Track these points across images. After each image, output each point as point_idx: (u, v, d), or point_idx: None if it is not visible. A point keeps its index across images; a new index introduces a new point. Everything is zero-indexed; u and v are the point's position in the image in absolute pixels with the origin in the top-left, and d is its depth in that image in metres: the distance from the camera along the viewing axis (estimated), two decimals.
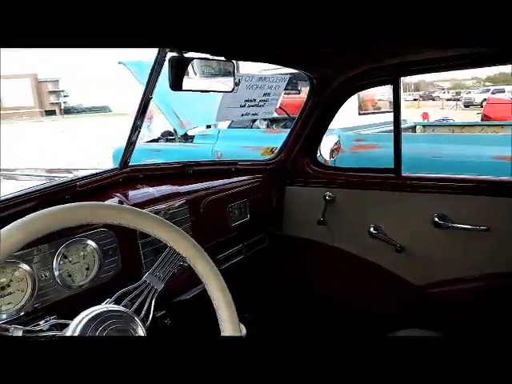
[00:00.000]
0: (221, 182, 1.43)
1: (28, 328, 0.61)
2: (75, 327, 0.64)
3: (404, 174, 1.47)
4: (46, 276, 0.88)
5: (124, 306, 0.73)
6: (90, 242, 0.97)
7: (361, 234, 1.56)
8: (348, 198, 1.57)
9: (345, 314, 1.68)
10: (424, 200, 1.42)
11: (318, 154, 1.69)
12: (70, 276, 0.92)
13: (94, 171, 1.17)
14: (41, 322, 0.71)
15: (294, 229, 1.71)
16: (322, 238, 1.65)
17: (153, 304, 0.76)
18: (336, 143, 1.72)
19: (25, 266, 0.84)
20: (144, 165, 1.31)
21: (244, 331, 1.03)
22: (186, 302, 1.23)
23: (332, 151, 1.69)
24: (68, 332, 0.65)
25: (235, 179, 1.49)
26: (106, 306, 0.71)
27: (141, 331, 0.70)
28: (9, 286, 0.82)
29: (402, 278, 1.52)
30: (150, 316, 0.75)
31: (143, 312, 0.75)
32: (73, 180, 1.06)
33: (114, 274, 1.00)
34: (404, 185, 1.45)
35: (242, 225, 1.46)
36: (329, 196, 1.58)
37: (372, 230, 1.53)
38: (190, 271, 0.98)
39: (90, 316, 0.66)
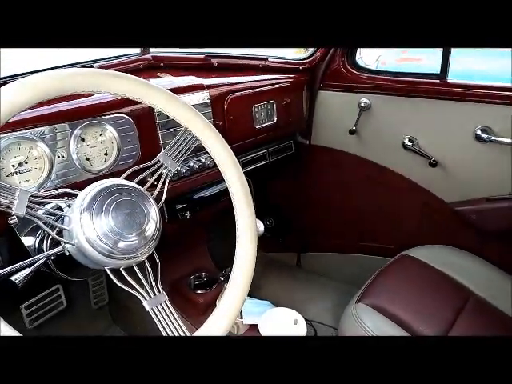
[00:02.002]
0: (248, 78, 1.33)
1: (36, 193, 0.60)
2: (84, 197, 0.63)
3: (450, 80, 1.32)
4: (63, 157, 0.87)
5: (137, 183, 0.71)
6: (109, 127, 0.94)
7: (393, 146, 1.46)
8: (385, 106, 1.45)
9: (369, 226, 1.66)
10: (468, 110, 1.29)
11: (358, 57, 1.54)
12: (87, 159, 0.91)
13: None
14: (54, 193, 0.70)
15: (323, 137, 1.63)
16: (352, 148, 1.57)
17: (166, 184, 0.74)
18: (377, 59, 1.56)
19: (41, 145, 0.83)
20: (166, 52, 1.22)
21: (261, 228, 1.03)
22: (207, 199, 1.23)
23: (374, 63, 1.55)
24: (77, 201, 0.64)
25: (263, 77, 1.38)
26: (117, 179, 0.69)
27: (153, 210, 0.69)
28: (26, 163, 0.82)
29: (432, 193, 1.45)
30: (163, 197, 0.74)
31: (156, 191, 0.73)
32: (89, 61, 1.01)
33: (134, 162, 0.99)
34: (449, 92, 1.31)
35: (267, 128, 1.39)
36: (364, 103, 1.47)
37: (406, 141, 1.43)
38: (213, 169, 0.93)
39: (100, 187, 0.65)
